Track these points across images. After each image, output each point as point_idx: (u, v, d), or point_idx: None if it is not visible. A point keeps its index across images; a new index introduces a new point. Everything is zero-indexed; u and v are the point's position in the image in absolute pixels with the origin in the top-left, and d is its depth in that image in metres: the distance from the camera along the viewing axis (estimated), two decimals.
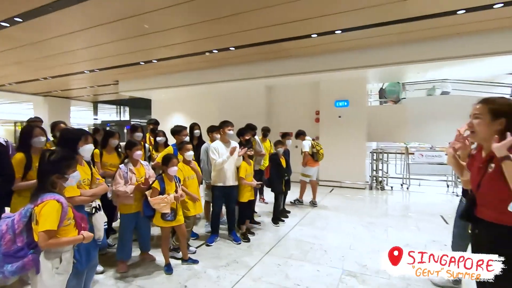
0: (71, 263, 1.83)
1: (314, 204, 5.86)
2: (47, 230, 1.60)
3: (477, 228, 1.59)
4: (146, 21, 5.16)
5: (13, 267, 1.59)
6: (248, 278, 2.88)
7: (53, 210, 1.64)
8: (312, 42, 6.22)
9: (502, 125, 1.41)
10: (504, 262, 1.40)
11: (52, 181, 1.74)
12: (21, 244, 1.63)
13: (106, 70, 8.74)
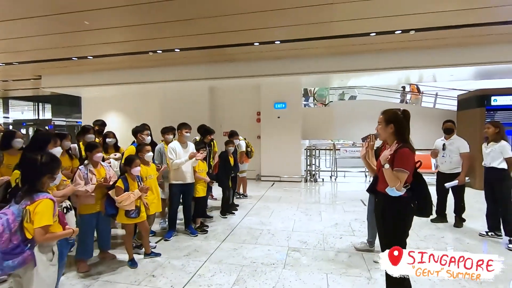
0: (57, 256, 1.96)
1: (245, 196, 6.49)
2: (45, 225, 1.74)
3: (377, 197, 2.27)
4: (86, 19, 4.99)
5: (14, 262, 1.68)
6: (210, 262, 3.25)
7: (48, 207, 1.77)
8: (254, 49, 6.79)
9: (392, 128, 2.12)
10: (390, 219, 2.07)
11: (43, 181, 1.85)
12: (17, 242, 1.71)
13: (27, 63, 7.83)
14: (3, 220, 1.69)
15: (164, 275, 2.95)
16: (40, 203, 1.76)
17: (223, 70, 7.91)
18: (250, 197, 6.55)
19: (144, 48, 6.68)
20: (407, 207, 2.05)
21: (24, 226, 1.75)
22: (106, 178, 3.14)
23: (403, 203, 2.04)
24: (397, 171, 1.98)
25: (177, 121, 4.56)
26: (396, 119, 2.10)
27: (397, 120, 2.10)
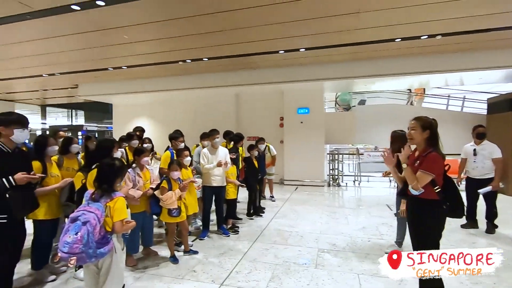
0: None
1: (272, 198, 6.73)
2: (122, 219, 2.04)
3: (409, 200, 2.37)
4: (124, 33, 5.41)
5: (105, 250, 2.00)
6: (245, 260, 3.45)
7: (123, 204, 2.09)
8: (278, 57, 7.01)
9: (428, 134, 2.24)
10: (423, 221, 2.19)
11: (116, 183, 2.16)
12: (103, 233, 2.03)
13: (68, 74, 8.47)
14: (93, 215, 1.98)
15: (204, 271, 3.18)
16: (118, 201, 2.07)
17: (247, 77, 8.18)
18: (278, 199, 6.71)
19: (174, 58, 7.07)
20: (440, 209, 2.15)
21: (105, 220, 2.05)
22: (151, 180, 3.44)
23: (436, 204, 2.15)
24: (422, 173, 2.12)
25: (205, 127, 4.86)
26: (431, 126, 2.23)
27: (432, 127, 2.23)
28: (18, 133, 2.22)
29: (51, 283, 2.92)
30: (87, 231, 1.90)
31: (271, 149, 6.58)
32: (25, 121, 2.29)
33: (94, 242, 1.94)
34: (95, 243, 1.95)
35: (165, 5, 4.32)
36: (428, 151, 2.19)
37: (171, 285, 2.87)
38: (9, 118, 2.22)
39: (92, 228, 1.93)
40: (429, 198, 2.15)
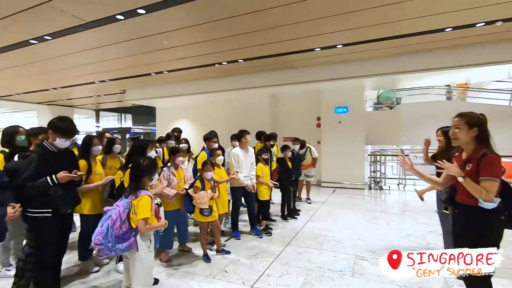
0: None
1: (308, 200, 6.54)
2: (145, 218, 2.08)
3: (457, 209, 2.06)
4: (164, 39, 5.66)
5: (123, 246, 2.06)
6: (277, 263, 3.37)
7: (147, 202, 2.13)
8: (315, 55, 6.79)
9: (476, 132, 1.93)
10: (475, 233, 1.87)
11: (144, 181, 2.23)
12: (125, 229, 2.10)
13: (117, 80, 9.16)
14: (116, 210, 2.07)
15: (235, 272, 3.16)
16: (142, 199, 2.12)
17: (283, 77, 8.07)
18: (314, 202, 6.50)
19: (210, 61, 7.24)
20: (496, 220, 1.84)
21: (130, 216, 2.12)
22: (185, 179, 3.53)
23: (491, 215, 1.83)
24: (486, 181, 1.80)
25: (241, 127, 4.86)
26: (480, 122, 1.92)
27: (481, 123, 1.92)
28: (59, 141, 2.38)
29: (95, 273, 3.13)
30: (108, 225, 1.99)
31: (312, 150, 6.42)
32: (69, 133, 2.39)
33: (114, 237, 2.02)
34: (115, 237, 2.03)
35: (200, 9, 4.42)
36: (482, 153, 1.88)
37: (202, 284, 2.90)
38: (57, 126, 2.36)
39: (112, 223, 2.01)
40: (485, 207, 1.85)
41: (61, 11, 4.38)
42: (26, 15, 4.45)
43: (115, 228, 2.07)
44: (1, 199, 1.95)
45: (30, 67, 7.37)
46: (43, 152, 2.37)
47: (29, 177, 2.23)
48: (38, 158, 2.30)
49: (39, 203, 2.29)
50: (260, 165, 4.46)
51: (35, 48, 5.95)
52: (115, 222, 2.07)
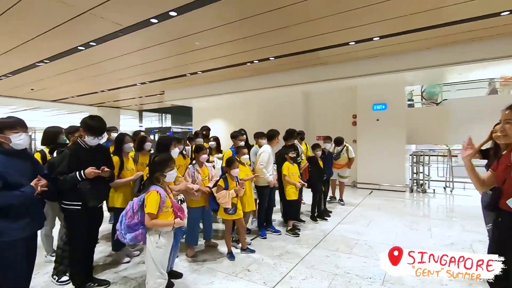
0: (170, 242, 2.34)
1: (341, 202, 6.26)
2: (149, 212, 2.15)
3: (501, 216, 1.78)
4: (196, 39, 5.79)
5: (130, 236, 2.17)
6: (302, 265, 3.25)
7: (153, 198, 2.20)
8: (349, 49, 6.47)
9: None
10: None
11: (156, 177, 2.29)
12: (137, 220, 2.19)
13: (155, 82, 9.66)
14: (131, 202, 2.16)
15: (258, 271, 3.11)
16: (150, 194, 2.19)
17: (316, 74, 7.83)
18: (348, 204, 6.21)
19: (242, 59, 7.28)
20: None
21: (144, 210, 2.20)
22: (209, 176, 3.57)
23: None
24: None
25: (273, 126, 4.80)
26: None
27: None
28: (88, 139, 2.55)
29: (125, 264, 3.31)
30: (123, 214, 2.08)
31: (349, 150, 6.11)
32: (97, 132, 2.56)
33: (126, 226, 2.12)
34: (126, 226, 2.14)
35: (230, 7, 4.43)
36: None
37: (223, 281, 2.90)
38: (87, 124, 2.54)
39: (125, 213, 2.10)
40: None
41: (101, 17, 4.70)
42: (73, 23, 4.85)
43: (127, 218, 2.18)
44: None
45: (80, 72, 8.07)
46: (76, 148, 2.55)
47: (62, 171, 2.41)
48: (70, 154, 2.47)
49: (71, 196, 2.47)
50: (286, 163, 4.36)
51: (83, 54, 6.49)
52: (127, 212, 2.18)
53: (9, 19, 4.65)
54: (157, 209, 2.22)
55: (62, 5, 4.23)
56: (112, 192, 3.18)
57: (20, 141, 2.13)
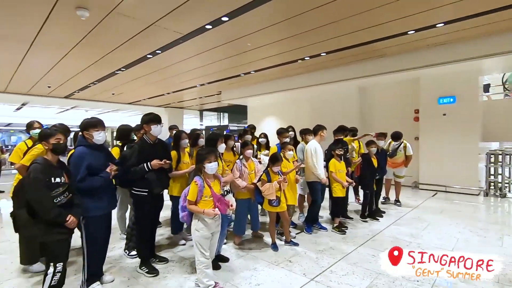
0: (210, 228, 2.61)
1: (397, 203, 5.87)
2: (188, 199, 2.47)
3: None
4: (248, 40, 6.06)
5: (181, 214, 2.53)
6: (344, 262, 3.24)
7: (193, 187, 2.49)
8: (408, 39, 6.00)
9: None
10: None
11: (198, 168, 2.59)
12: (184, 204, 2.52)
13: (213, 83, 10.34)
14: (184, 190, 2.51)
15: (299, 263, 3.21)
16: (192, 183, 2.48)
17: (372, 67, 7.44)
18: (404, 205, 5.81)
19: (292, 57, 7.33)
20: None
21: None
22: (255, 171, 3.78)
23: None
24: None
25: (326, 123, 4.77)
26: None
27: None
28: (154, 128, 2.99)
29: (182, 246, 3.74)
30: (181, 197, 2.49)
31: (407, 147, 5.71)
32: (158, 119, 3.05)
33: (181, 206, 2.49)
34: (181, 207, 2.52)
35: (278, 7, 4.52)
36: None
37: (265, 269, 3.08)
38: (147, 118, 3.01)
39: (180, 197, 2.45)
40: None
41: (165, 28, 5.30)
42: (142, 35, 5.57)
43: (182, 201, 2.51)
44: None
45: (149, 77, 9.13)
46: (142, 144, 3.01)
47: (132, 164, 2.88)
48: (138, 149, 2.94)
49: (140, 184, 2.93)
50: (333, 160, 4.32)
51: (151, 61, 7.36)
52: (182, 196, 2.52)
53: (92, 37, 5.57)
54: (195, 197, 2.52)
55: (133, 20, 4.91)
56: (170, 183, 3.62)
57: (100, 138, 2.64)
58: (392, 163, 5.68)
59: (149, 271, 2.96)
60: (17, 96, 11.73)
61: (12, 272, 3.05)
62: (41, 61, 7.26)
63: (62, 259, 2.22)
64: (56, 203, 2.18)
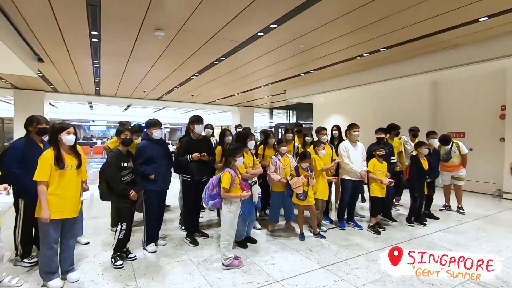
0: (238, 209, 3.13)
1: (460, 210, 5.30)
2: (223, 187, 2.96)
3: None
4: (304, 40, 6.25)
5: (211, 202, 3.06)
6: (364, 258, 3.33)
7: (227, 177, 2.99)
8: (484, 26, 5.27)
9: None
10: None
11: (229, 161, 3.11)
12: (216, 192, 3.07)
13: (276, 83, 10.86)
14: (211, 179, 3.07)
15: (318, 253, 3.46)
16: (225, 174, 2.99)
17: (443, 60, 6.72)
18: (469, 214, 5.22)
19: (352, 54, 7.21)
20: None
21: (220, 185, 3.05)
22: (290, 165, 4.14)
23: None
24: None
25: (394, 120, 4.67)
26: None
27: None
28: (197, 127, 3.69)
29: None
30: (206, 187, 3.02)
31: (460, 146, 5.16)
32: (200, 119, 3.72)
33: (208, 195, 3.00)
34: (209, 196, 3.01)
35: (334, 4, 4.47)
36: None
37: (285, 253, 3.43)
38: (192, 119, 3.72)
39: (208, 186, 3.01)
40: None
41: (224, 38, 6.06)
42: (207, 46, 6.48)
43: (209, 190, 3.07)
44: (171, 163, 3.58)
45: (218, 80, 10.25)
46: (188, 139, 3.76)
47: (180, 154, 3.65)
48: (184, 144, 3.69)
49: (185, 171, 3.68)
50: (373, 160, 4.30)
51: (217, 67, 8.36)
52: (209, 185, 3.08)
53: (169, 51, 6.77)
54: (229, 185, 3.04)
55: (199, 34, 5.80)
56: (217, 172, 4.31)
57: (157, 134, 3.47)
58: (448, 167, 5.16)
59: (191, 241, 3.70)
60: (123, 99, 14.66)
61: (104, 230, 4.22)
62: (136, 71, 9.07)
63: (126, 221, 3.09)
64: (123, 181, 3.05)
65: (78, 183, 2.71)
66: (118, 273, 2.91)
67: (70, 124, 2.68)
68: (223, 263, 3.04)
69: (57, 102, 16.56)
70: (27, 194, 2.81)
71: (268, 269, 3.02)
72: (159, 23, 5.26)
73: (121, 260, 3.07)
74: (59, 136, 2.56)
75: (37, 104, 12.11)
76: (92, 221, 4.57)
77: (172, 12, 4.78)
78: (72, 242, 2.80)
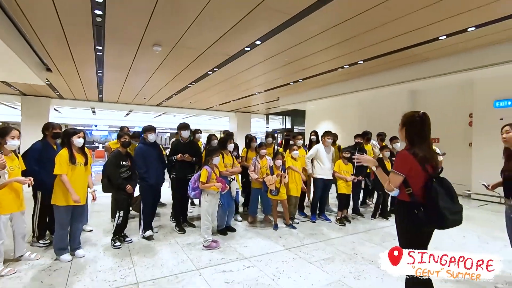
0: (216, 200, 3.76)
1: None
2: (201, 181, 3.59)
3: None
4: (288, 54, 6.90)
5: (193, 193, 3.70)
6: (324, 243, 3.93)
7: (204, 173, 3.63)
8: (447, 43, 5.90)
9: (404, 132, 2.12)
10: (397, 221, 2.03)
11: (207, 160, 3.75)
12: (197, 185, 3.70)
13: (268, 91, 11.53)
14: (194, 175, 3.71)
15: (285, 239, 4.07)
16: (203, 170, 3.63)
17: (419, 71, 7.31)
18: None
19: (333, 66, 7.85)
20: (410, 213, 1.93)
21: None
22: (267, 166, 4.76)
23: (406, 207, 1.98)
24: (392, 173, 2.01)
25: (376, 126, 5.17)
26: (409, 122, 2.04)
27: (410, 123, 2.07)
28: (183, 132, 4.34)
29: None
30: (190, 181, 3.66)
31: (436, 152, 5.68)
32: (187, 126, 4.37)
33: (191, 188, 3.64)
34: (192, 188, 3.67)
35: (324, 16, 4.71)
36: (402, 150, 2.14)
37: (258, 239, 4.04)
38: (179, 126, 4.39)
39: (191, 181, 3.67)
40: None
41: (214, 53, 6.74)
42: (200, 59, 7.15)
43: (192, 183, 3.71)
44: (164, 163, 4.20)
45: (213, 88, 10.94)
46: (176, 142, 4.42)
47: (169, 155, 4.30)
48: (172, 146, 4.35)
49: (173, 170, 4.32)
50: (339, 162, 4.93)
51: (211, 77, 9.04)
52: (192, 180, 3.73)
53: (166, 63, 7.47)
54: (206, 179, 3.68)
55: (192, 50, 6.49)
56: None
57: (151, 138, 4.11)
58: None
59: (179, 229, 4.33)
60: (124, 105, 15.39)
61: (106, 221, 4.84)
62: (137, 81, 9.78)
63: (123, 209, 3.72)
64: (121, 176, 3.69)
65: (85, 177, 3.36)
66: (116, 251, 3.54)
67: (80, 130, 3.34)
68: (203, 244, 3.67)
69: (61, 108, 17.34)
70: (43, 187, 3.45)
71: (240, 250, 3.64)
72: (156, 39, 5.95)
73: (119, 242, 3.70)
74: (72, 139, 3.21)
75: (43, 109, 12.79)
76: (95, 214, 5.19)
77: (168, 31, 5.47)
78: (80, 226, 3.43)
